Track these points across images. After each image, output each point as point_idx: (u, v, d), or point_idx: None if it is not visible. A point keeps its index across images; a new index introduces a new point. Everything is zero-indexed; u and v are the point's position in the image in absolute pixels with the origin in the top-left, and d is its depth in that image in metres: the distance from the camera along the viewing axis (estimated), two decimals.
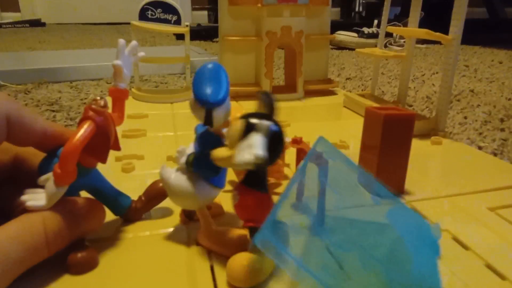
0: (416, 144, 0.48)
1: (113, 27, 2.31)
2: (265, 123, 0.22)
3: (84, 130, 0.23)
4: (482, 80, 0.91)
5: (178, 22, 0.64)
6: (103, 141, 0.24)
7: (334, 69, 1.03)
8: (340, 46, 1.47)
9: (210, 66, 0.25)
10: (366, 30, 1.45)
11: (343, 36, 1.46)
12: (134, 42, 0.29)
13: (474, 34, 1.39)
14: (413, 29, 0.55)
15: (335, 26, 1.54)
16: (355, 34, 1.45)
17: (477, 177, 0.39)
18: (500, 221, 0.31)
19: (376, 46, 0.67)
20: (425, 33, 0.48)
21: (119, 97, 0.29)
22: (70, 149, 0.22)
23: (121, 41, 0.28)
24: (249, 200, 0.24)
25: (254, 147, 0.21)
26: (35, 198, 0.22)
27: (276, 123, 0.23)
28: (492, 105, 0.69)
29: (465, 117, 0.62)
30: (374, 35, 1.43)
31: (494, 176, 0.39)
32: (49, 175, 0.23)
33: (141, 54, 0.30)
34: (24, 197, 0.23)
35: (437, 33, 0.47)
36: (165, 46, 1.46)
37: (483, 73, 0.99)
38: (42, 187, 0.23)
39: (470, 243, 0.28)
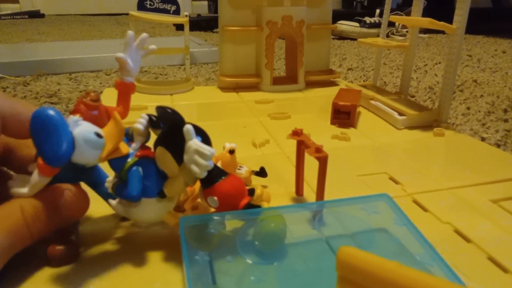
0: (418, 136, 0.47)
1: (112, 18, 2.29)
2: (187, 128, 0.22)
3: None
4: (486, 70, 0.90)
5: (177, 12, 0.63)
6: None
7: (335, 60, 1.02)
8: (342, 36, 1.46)
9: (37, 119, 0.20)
10: (368, 19, 1.43)
11: (345, 26, 1.44)
12: (144, 35, 0.28)
13: (477, 24, 1.37)
14: (416, 18, 0.54)
15: (337, 16, 1.52)
16: (357, 24, 1.44)
17: (480, 169, 0.38)
18: (503, 213, 0.31)
19: (378, 36, 0.66)
20: (428, 22, 0.47)
21: (125, 90, 0.28)
22: None
23: (130, 33, 0.27)
24: (226, 192, 0.24)
25: (201, 151, 0.21)
26: (21, 185, 0.23)
27: (178, 115, 0.24)
28: (495, 95, 0.68)
29: (468, 108, 0.61)
30: (376, 25, 1.41)
31: (497, 168, 0.39)
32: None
33: (153, 47, 0.29)
34: (10, 183, 0.23)
35: (441, 22, 0.46)
36: (165, 37, 1.44)
37: (486, 63, 0.98)
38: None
39: (472, 236, 0.28)
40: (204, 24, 1.65)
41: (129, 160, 0.23)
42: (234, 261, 0.23)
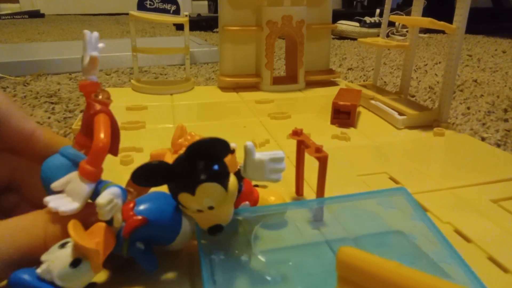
0: (418, 136, 0.47)
1: (112, 18, 2.29)
2: (248, 146, 0.23)
3: (105, 124, 0.22)
4: (486, 70, 0.90)
5: (177, 12, 0.63)
6: (114, 133, 0.24)
7: (335, 59, 1.02)
8: (342, 36, 1.46)
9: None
10: (368, 19, 1.43)
11: (345, 25, 1.44)
12: (96, 33, 0.26)
13: (477, 23, 1.37)
14: (416, 18, 0.54)
15: (337, 16, 1.51)
16: (357, 24, 1.43)
17: (480, 169, 0.38)
18: (503, 213, 0.31)
19: (378, 35, 0.66)
20: (428, 22, 0.47)
21: (91, 91, 0.25)
22: (102, 145, 0.22)
23: (87, 32, 0.26)
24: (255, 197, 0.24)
25: (276, 156, 0.23)
26: (62, 203, 0.21)
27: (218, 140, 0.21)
28: (495, 95, 0.68)
29: (468, 108, 0.61)
30: (376, 25, 1.41)
31: (497, 168, 0.39)
32: (68, 177, 0.22)
33: (101, 45, 0.27)
34: (51, 205, 0.21)
35: (441, 22, 0.46)
36: (165, 36, 1.44)
37: (486, 63, 0.98)
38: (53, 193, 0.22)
39: (472, 236, 0.28)
40: (204, 24, 1.65)
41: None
42: (250, 260, 0.23)
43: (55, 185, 0.22)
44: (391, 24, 1.32)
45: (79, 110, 0.59)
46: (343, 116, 0.50)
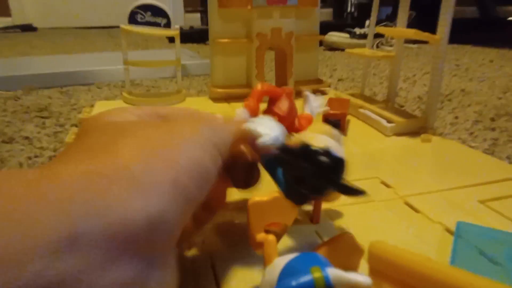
0: (407, 142, 0.48)
1: (105, 31, 2.30)
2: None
3: None
4: (473, 79, 0.92)
5: (168, 25, 0.64)
6: None
7: (326, 70, 1.03)
8: (333, 47, 1.48)
9: None
10: (358, 30, 1.46)
11: (336, 37, 1.46)
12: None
13: (465, 33, 1.40)
14: (401, 29, 0.56)
15: (327, 27, 1.54)
16: (347, 35, 1.46)
17: (467, 172, 0.39)
18: (490, 212, 0.32)
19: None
20: (413, 33, 0.49)
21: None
22: None
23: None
24: None
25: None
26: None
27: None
28: (483, 104, 0.70)
29: (456, 117, 0.62)
30: (366, 36, 1.43)
31: (483, 171, 0.39)
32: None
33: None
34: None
35: (425, 33, 0.48)
36: (158, 49, 1.46)
37: (474, 72, 0.99)
38: None
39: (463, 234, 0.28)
40: (196, 36, 1.67)
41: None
42: None
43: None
44: (381, 35, 1.35)
45: (69, 124, 0.59)
46: (333, 124, 0.51)
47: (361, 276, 0.15)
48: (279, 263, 0.18)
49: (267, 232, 0.21)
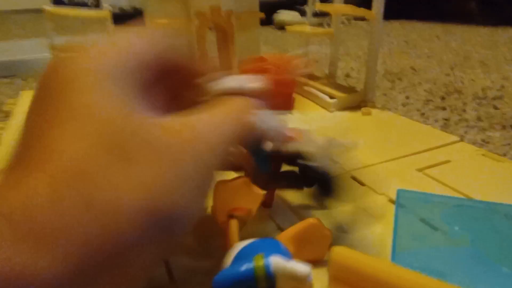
0: (349, 116, 0.50)
1: (34, 15, 2.06)
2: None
3: None
4: (422, 56, 0.92)
5: (97, 5, 0.59)
6: None
7: (276, 51, 1.03)
8: (283, 26, 1.46)
9: None
10: (307, 8, 1.45)
11: (285, 15, 1.43)
12: None
13: (412, 9, 1.39)
14: (338, 5, 0.57)
15: (276, 5, 1.48)
16: (297, 13, 1.43)
17: (405, 142, 0.42)
18: (428, 179, 0.35)
19: (320, 25, 0.68)
20: (349, 9, 0.50)
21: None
22: None
23: None
24: None
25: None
26: None
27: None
28: (432, 82, 0.70)
29: (407, 97, 0.63)
30: (318, 14, 1.43)
31: (420, 140, 0.43)
32: None
33: None
34: None
35: (361, 8, 0.49)
36: (96, 33, 1.34)
37: (422, 49, 1.00)
38: None
39: (405, 203, 0.30)
40: (129, 18, 1.56)
41: None
42: None
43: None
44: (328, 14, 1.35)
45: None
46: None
47: (301, 265, 0.16)
48: (237, 248, 0.18)
49: (231, 217, 0.21)
